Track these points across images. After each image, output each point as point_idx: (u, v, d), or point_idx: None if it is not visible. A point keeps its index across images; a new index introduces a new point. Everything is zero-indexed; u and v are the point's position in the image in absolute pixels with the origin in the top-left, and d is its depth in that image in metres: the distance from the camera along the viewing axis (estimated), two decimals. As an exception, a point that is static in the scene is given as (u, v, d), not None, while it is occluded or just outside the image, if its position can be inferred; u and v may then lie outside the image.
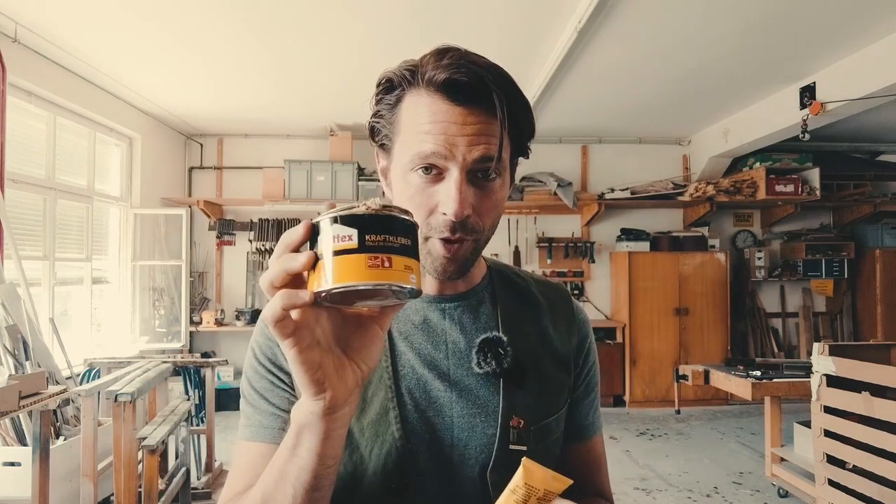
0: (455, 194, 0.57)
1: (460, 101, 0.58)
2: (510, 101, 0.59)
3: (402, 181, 0.62)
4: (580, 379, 0.76)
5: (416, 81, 0.60)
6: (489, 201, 0.61)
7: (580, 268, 5.59)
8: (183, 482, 2.83)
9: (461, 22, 3.03)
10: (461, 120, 0.57)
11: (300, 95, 4.31)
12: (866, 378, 2.22)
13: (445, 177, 0.59)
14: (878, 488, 2.16)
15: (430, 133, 0.58)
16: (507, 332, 0.68)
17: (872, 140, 5.50)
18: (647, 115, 4.81)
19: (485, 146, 0.58)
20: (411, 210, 0.60)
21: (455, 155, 0.57)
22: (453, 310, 0.69)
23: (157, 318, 4.89)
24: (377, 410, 0.63)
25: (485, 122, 0.58)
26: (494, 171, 0.60)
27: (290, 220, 5.30)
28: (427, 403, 0.65)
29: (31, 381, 2.02)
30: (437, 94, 0.58)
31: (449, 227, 0.59)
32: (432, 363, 0.66)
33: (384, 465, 0.61)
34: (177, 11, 2.90)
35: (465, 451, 0.64)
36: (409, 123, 0.60)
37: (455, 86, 0.57)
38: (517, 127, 0.62)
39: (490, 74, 0.58)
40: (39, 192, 3.53)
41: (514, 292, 0.74)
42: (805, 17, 2.95)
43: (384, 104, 0.63)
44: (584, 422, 0.77)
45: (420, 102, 0.59)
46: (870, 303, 5.54)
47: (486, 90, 0.57)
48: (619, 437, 4.36)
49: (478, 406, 0.65)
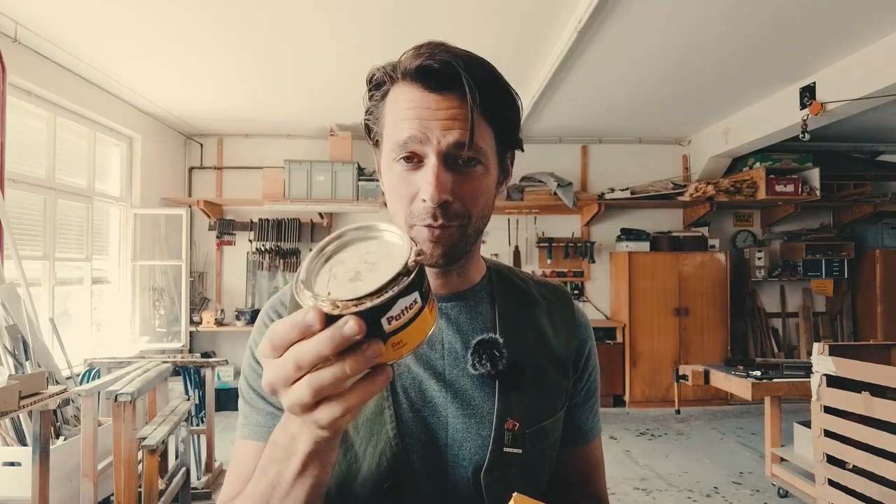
0: (431, 178, 0.58)
1: (434, 88, 0.59)
2: (484, 87, 0.59)
3: (387, 173, 0.64)
4: (580, 383, 0.75)
5: (396, 76, 0.62)
6: (471, 186, 0.61)
7: (580, 268, 5.59)
8: (183, 482, 2.83)
9: (461, 22, 3.03)
10: (435, 105, 0.59)
11: (300, 95, 4.31)
12: (866, 378, 2.22)
13: (424, 163, 0.60)
14: (879, 488, 2.16)
15: (406, 119, 0.59)
16: (505, 333, 0.68)
17: (872, 140, 5.50)
18: (647, 116, 4.81)
19: (459, 131, 0.59)
20: (396, 202, 0.62)
21: (430, 139, 0.59)
22: (450, 309, 0.69)
23: (157, 318, 4.89)
24: (372, 409, 0.63)
25: (458, 108, 0.59)
26: (475, 158, 0.60)
27: (290, 219, 5.30)
28: (422, 403, 0.64)
29: (31, 381, 2.02)
30: (413, 83, 0.60)
31: (430, 212, 0.59)
32: (428, 363, 0.66)
33: (378, 463, 0.61)
34: (177, 11, 2.89)
35: (460, 453, 0.64)
36: (390, 116, 0.62)
37: (427, 72, 0.59)
38: (495, 113, 0.62)
39: (462, 62, 0.58)
40: (39, 192, 3.53)
41: (513, 293, 0.73)
42: (805, 17, 2.95)
43: (373, 101, 0.65)
44: (584, 426, 0.76)
45: (399, 94, 0.61)
46: (870, 303, 5.54)
47: (457, 76, 0.58)
48: (619, 437, 4.35)
49: (472, 407, 0.65)
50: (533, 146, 5.49)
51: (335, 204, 4.93)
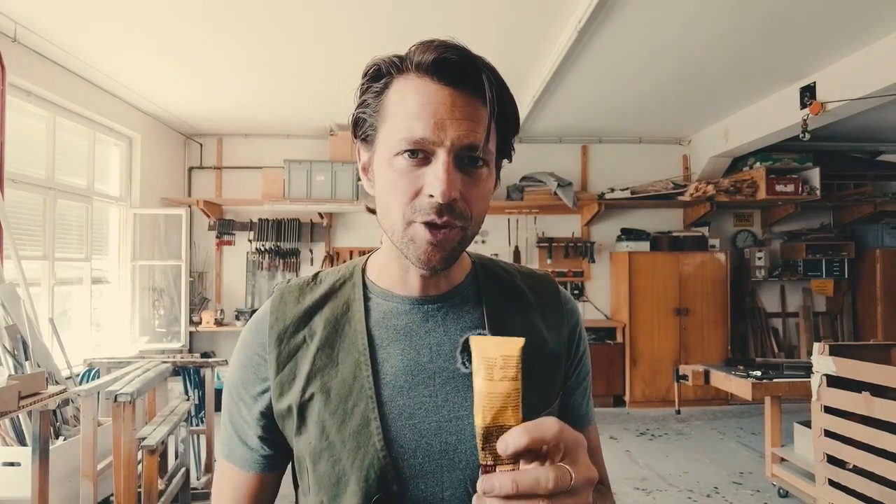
0: (443, 175, 0.56)
1: (449, 82, 0.57)
2: (498, 87, 0.58)
3: (385, 167, 0.61)
4: (572, 369, 0.74)
5: (404, 67, 0.59)
6: (476, 189, 0.60)
7: (580, 268, 5.59)
8: (182, 482, 2.83)
9: (461, 22, 3.03)
10: (450, 101, 0.57)
11: (300, 95, 4.31)
12: (866, 378, 2.22)
13: (433, 160, 0.58)
14: (879, 488, 2.16)
15: (419, 117, 0.57)
16: (493, 329, 0.67)
17: (872, 140, 5.50)
18: (648, 115, 4.81)
19: (473, 133, 0.57)
20: (394, 196, 0.60)
21: (444, 138, 0.56)
22: (436, 311, 0.68)
23: (156, 318, 4.88)
24: (358, 422, 0.62)
25: (473, 107, 0.58)
26: (482, 159, 0.59)
27: (290, 219, 5.30)
28: (411, 410, 0.63)
29: (30, 382, 2.02)
30: (426, 75, 0.58)
31: (436, 209, 0.57)
32: (416, 368, 0.65)
33: (366, 477, 0.60)
34: (176, 11, 2.89)
35: (455, 455, 0.63)
36: (396, 108, 0.59)
37: (444, 65, 0.57)
38: (504, 115, 0.61)
39: (479, 59, 0.58)
40: (39, 192, 3.53)
41: (499, 287, 0.72)
42: (805, 17, 2.94)
43: (371, 92, 0.62)
44: (579, 412, 0.75)
45: (408, 86, 0.59)
46: (870, 303, 5.54)
47: (476, 71, 0.57)
48: (619, 437, 4.35)
49: (465, 408, 0.64)
50: (533, 146, 5.49)
51: (335, 204, 4.92)
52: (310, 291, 0.70)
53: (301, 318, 0.67)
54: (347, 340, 0.66)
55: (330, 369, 0.64)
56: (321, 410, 0.63)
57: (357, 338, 0.65)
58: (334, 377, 0.64)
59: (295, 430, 0.64)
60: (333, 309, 0.68)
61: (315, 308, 0.68)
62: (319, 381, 0.64)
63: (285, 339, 0.66)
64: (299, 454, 0.66)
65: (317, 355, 0.65)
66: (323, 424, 0.62)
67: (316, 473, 0.63)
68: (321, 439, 0.62)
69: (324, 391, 0.63)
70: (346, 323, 0.67)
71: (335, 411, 0.62)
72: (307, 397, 0.64)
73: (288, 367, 0.65)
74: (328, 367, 0.64)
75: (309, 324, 0.67)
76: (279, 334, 0.67)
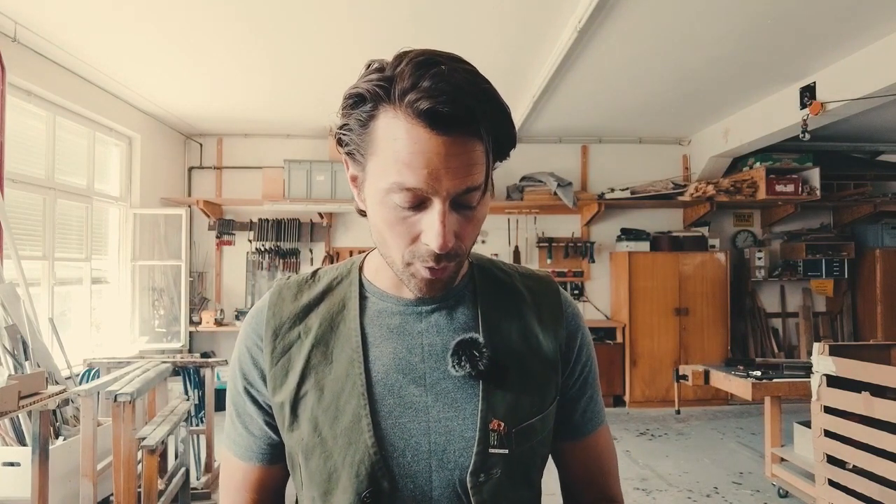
0: (439, 228, 0.55)
1: (442, 131, 0.52)
2: (494, 121, 0.55)
3: (379, 204, 0.58)
4: (573, 376, 0.73)
5: (391, 99, 0.54)
6: (471, 225, 0.60)
7: (580, 268, 5.59)
8: (182, 482, 2.83)
9: (461, 23, 3.03)
10: (444, 150, 0.53)
11: (299, 95, 4.30)
12: (866, 378, 2.22)
13: (428, 207, 0.56)
14: (879, 488, 2.16)
15: (411, 166, 0.53)
16: (487, 331, 0.67)
17: (872, 140, 5.50)
18: (647, 115, 4.81)
19: (470, 177, 0.55)
20: (391, 238, 0.59)
21: (438, 188, 0.54)
22: (430, 313, 0.67)
23: (156, 318, 4.88)
24: (350, 418, 0.62)
25: (470, 152, 0.54)
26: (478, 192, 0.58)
27: (290, 219, 5.30)
28: (402, 409, 0.63)
29: (30, 382, 2.02)
30: (416, 120, 0.53)
31: (433, 257, 0.57)
32: (408, 367, 0.65)
33: (357, 473, 0.61)
34: (176, 11, 2.89)
35: (444, 456, 0.63)
36: (386, 147, 0.55)
37: (437, 116, 0.52)
38: (499, 143, 0.58)
39: (474, 99, 0.53)
40: (39, 192, 3.53)
41: (496, 288, 0.72)
42: (805, 17, 2.94)
43: (354, 119, 0.58)
44: (580, 419, 0.74)
45: (398, 126, 0.54)
46: (870, 303, 5.54)
47: (473, 119, 0.53)
48: (619, 437, 4.35)
49: (455, 409, 0.64)
50: (533, 146, 5.49)
51: (335, 204, 4.92)
52: (308, 289, 0.71)
53: (297, 315, 0.68)
54: (342, 338, 0.66)
55: (325, 366, 0.65)
56: (314, 406, 0.64)
57: (351, 335, 0.66)
58: (328, 374, 0.65)
59: (287, 425, 0.65)
60: (330, 307, 0.69)
61: (312, 305, 0.69)
62: (314, 377, 0.65)
63: (280, 335, 0.68)
64: (291, 449, 0.67)
65: (312, 352, 0.66)
66: (315, 420, 0.63)
67: (308, 469, 0.64)
68: (313, 435, 0.63)
69: (318, 388, 0.64)
70: (342, 321, 0.67)
71: (328, 407, 0.63)
72: (301, 394, 0.65)
73: (281, 362, 0.67)
74: (323, 364, 0.65)
75: (304, 321, 0.68)
76: (275, 330, 0.68)
